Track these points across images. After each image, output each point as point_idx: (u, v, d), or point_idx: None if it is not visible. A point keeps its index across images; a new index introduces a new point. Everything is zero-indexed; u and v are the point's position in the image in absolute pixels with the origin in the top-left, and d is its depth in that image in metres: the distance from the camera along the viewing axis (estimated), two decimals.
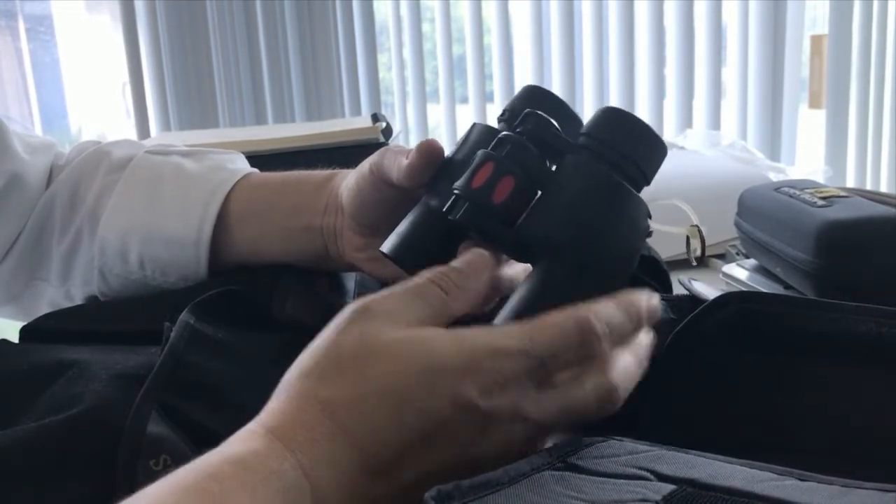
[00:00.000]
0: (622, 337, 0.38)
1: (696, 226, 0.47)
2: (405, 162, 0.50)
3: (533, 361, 0.35)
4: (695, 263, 0.48)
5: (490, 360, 0.35)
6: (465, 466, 0.34)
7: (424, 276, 0.40)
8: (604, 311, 0.38)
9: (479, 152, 0.45)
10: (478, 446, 0.34)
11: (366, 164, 0.55)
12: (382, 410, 0.33)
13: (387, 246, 0.50)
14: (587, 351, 0.37)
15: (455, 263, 0.41)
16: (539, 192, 0.43)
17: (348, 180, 0.57)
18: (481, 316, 0.42)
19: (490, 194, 0.43)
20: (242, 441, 0.33)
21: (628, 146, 0.43)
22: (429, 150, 0.49)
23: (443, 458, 0.34)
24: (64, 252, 0.63)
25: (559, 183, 0.43)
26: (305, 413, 0.33)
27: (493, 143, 0.45)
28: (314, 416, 0.33)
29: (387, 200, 0.53)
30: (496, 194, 0.43)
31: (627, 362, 0.38)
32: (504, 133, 0.45)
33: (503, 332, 0.36)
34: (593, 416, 0.37)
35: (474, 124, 0.50)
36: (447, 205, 0.45)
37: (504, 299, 0.43)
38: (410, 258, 0.49)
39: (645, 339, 0.41)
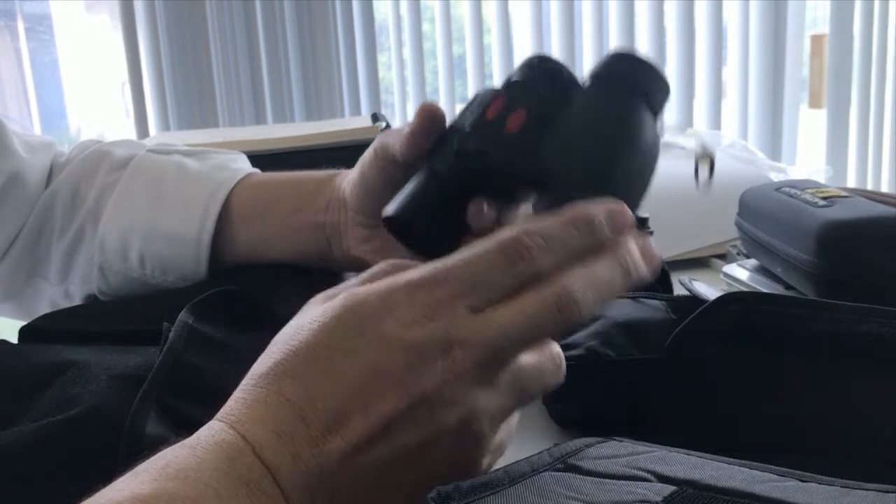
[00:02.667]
0: (572, 251, 0.35)
1: (707, 152, 0.47)
2: (407, 130, 0.50)
3: (457, 285, 0.33)
4: (698, 188, 0.48)
5: (405, 291, 0.33)
6: (424, 409, 0.32)
7: (377, 264, 0.38)
8: (538, 226, 0.35)
9: (487, 91, 0.44)
10: (421, 382, 0.32)
11: (368, 151, 0.55)
12: (310, 364, 0.33)
13: (390, 208, 0.48)
14: (521, 269, 0.34)
15: None
16: (552, 125, 0.42)
17: (351, 173, 0.57)
18: None
19: (503, 125, 0.42)
20: (193, 435, 0.33)
21: (637, 80, 0.43)
22: (429, 113, 0.49)
23: (394, 404, 0.32)
24: (64, 250, 0.63)
25: (575, 112, 0.42)
26: (243, 392, 0.33)
27: (501, 87, 0.45)
28: (251, 392, 0.33)
29: (391, 182, 0.53)
30: (509, 125, 0.42)
31: (591, 272, 0.35)
32: (511, 79, 0.45)
33: (420, 267, 0.35)
34: (549, 330, 0.34)
35: (477, 92, 0.49)
36: (457, 144, 0.44)
37: None
38: (415, 216, 0.47)
39: (628, 244, 0.36)
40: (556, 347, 0.37)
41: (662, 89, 0.43)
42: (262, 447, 0.31)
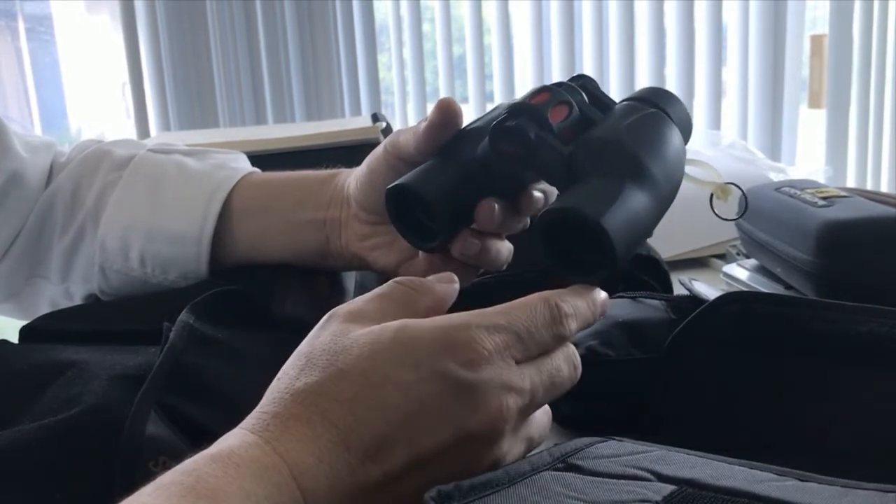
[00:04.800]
0: (586, 322, 0.40)
1: (732, 183, 0.48)
2: (423, 125, 0.50)
3: (510, 336, 0.36)
4: (735, 217, 0.49)
5: (466, 333, 0.35)
6: (466, 446, 0.33)
7: (389, 282, 0.40)
8: (569, 295, 0.39)
9: (535, 87, 0.46)
10: (471, 421, 0.34)
11: (379, 148, 0.55)
12: (358, 390, 0.33)
13: (400, 179, 0.49)
14: (558, 329, 0.37)
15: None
16: (591, 127, 0.45)
17: (358, 169, 0.57)
18: None
19: (546, 112, 0.44)
20: (219, 442, 0.33)
21: (667, 105, 0.46)
22: (448, 108, 0.49)
23: (437, 439, 0.33)
24: (64, 249, 0.63)
25: (611, 119, 0.45)
26: (278, 406, 0.33)
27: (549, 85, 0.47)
28: (287, 407, 0.33)
29: None
30: (552, 115, 0.44)
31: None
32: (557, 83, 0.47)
33: (476, 313, 0.36)
34: (567, 388, 0.39)
35: (500, 103, 0.51)
36: (500, 117, 0.45)
37: None
38: (427, 191, 0.48)
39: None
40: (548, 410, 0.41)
41: (687, 121, 0.47)
42: (300, 470, 0.31)
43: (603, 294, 0.41)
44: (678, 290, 0.60)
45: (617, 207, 0.39)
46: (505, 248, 0.52)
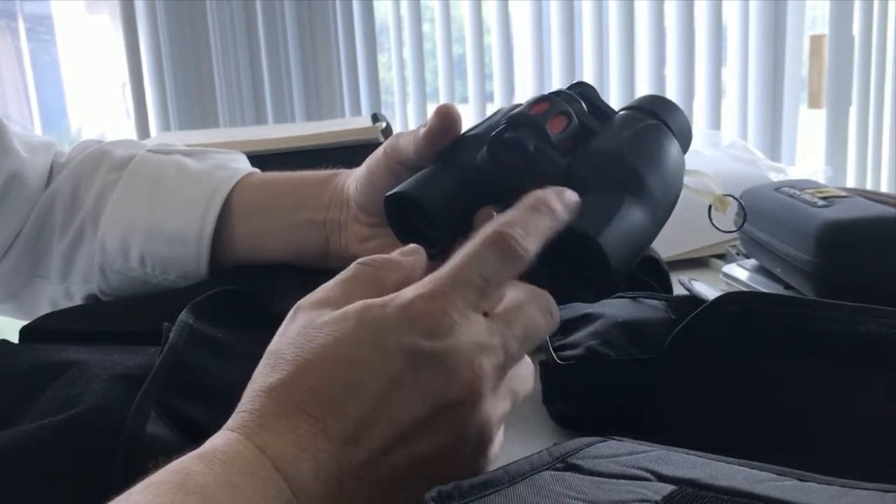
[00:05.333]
0: (544, 230, 0.38)
1: (729, 195, 0.48)
2: (422, 131, 0.50)
3: (467, 290, 0.35)
4: (735, 228, 0.49)
5: (424, 304, 0.34)
6: (447, 415, 0.33)
7: (352, 264, 0.40)
8: (511, 217, 0.38)
9: (534, 96, 0.46)
10: (447, 390, 0.33)
11: (378, 150, 0.55)
12: (328, 376, 0.33)
13: (399, 186, 0.48)
14: (513, 258, 0.36)
15: None
16: (589, 138, 0.45)
17: (358, 171, 0.57)
18: None
19: (545, 124, 0.44)
20: (207, 443, 0.33)
21: (666, 115, 0.46)
22: (448, 114, 0.49)
23: (416, 412, 0.33)
24: (64, 250, 0.63)
25: (610, 130, 0.45)
26: (254, 403, 0.33)
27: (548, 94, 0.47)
28: (263, 404, 0.33)
29: (399, 184, 0.53)
30: (551, 126, 0.44)
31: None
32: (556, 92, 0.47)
33: (429, 279, 0.36)
34: (545, 334, 0.38)
35: (499, 108, 0.51)
36: (498, 128, 0.45)
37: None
38: (426, 198, 0.47)
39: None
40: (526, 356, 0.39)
41: (687, 131, 0.47)
42: (282, 461, 0.31)
43: (563, 193, 0.40)
44: (678, 290, 0.60)
45: (615, 224, 0.39)
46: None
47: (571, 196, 0.41)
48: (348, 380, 0.33)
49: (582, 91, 0.48)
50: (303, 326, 0.36)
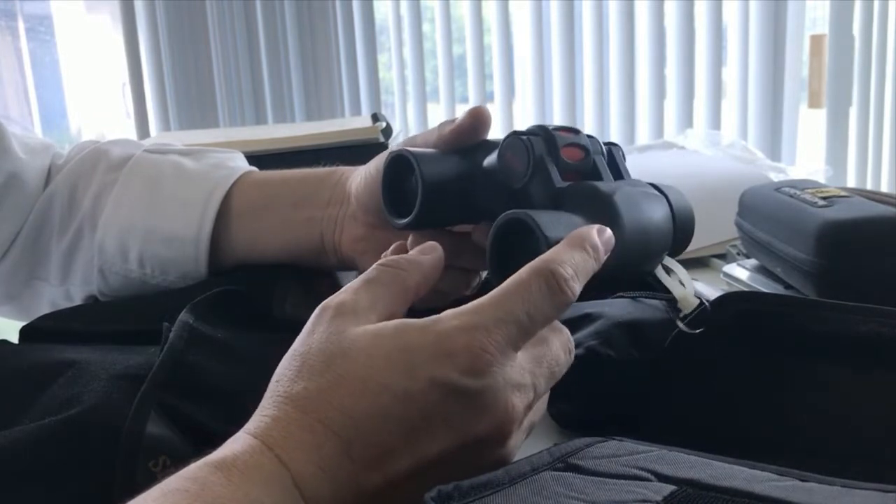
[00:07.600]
0: (589, 272, 0.38)
1: (698, 297, 0.47)
2: (449, 127, 0.50)
3: (511, 328, 0.34)
4: (695, 330, 0.47)
5: (465, 337, 0.34)
6: (473, 449, 0.33)
7: (374, 265, 0.40)
8: (562, 255, 0.37)
9: (566, 125, 0.48)
10: (478, 426, 0.33)
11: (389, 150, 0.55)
12: (358, 398, 0.32)
13: (406, 149, 0.50)
14: (561, 299, 0.36)
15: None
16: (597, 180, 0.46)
17: (364, 168, 0.57)
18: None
19: (561, 145, 0.46)
20: (223, 447, 0.33)
21: (675, 204, 0.47)
22: (480, 115, 0.50)
23: (442, 446, 0.33)
24: (63, 251, 0.63)
25: (615, 181, 0.46)
26: (279, 411, 0.33)
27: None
28: (287, 413, 0.33)
29: None
30: (566, 151, 0.46)
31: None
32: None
33: (472, 309, 0.35)
34: (563, 373, 0.38)
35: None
36: (521, 132, 0.46)
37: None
38: (428, 164, 0.48)
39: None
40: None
41: (687, 224, 0.48)
42: (303, 479, 0.31)
43: (604, 232, 0.40)
44: None
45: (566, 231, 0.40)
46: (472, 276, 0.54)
47: (611, 238, 0.40)
48: (378, 403, 0.32)
49: (611, 149, 0.49)
50: (333, 333, 0.35)
